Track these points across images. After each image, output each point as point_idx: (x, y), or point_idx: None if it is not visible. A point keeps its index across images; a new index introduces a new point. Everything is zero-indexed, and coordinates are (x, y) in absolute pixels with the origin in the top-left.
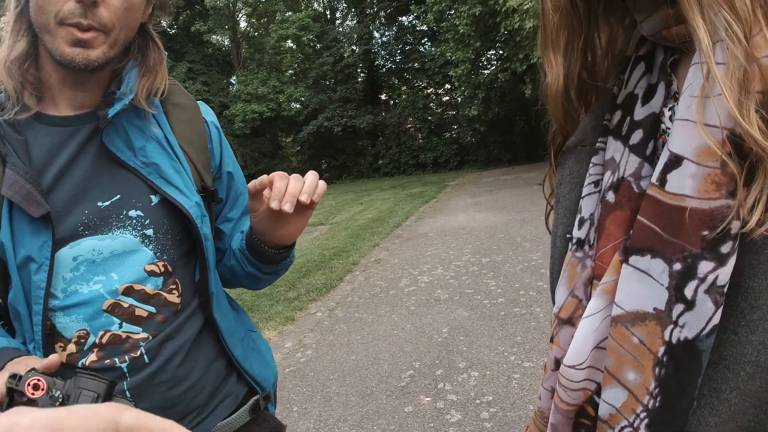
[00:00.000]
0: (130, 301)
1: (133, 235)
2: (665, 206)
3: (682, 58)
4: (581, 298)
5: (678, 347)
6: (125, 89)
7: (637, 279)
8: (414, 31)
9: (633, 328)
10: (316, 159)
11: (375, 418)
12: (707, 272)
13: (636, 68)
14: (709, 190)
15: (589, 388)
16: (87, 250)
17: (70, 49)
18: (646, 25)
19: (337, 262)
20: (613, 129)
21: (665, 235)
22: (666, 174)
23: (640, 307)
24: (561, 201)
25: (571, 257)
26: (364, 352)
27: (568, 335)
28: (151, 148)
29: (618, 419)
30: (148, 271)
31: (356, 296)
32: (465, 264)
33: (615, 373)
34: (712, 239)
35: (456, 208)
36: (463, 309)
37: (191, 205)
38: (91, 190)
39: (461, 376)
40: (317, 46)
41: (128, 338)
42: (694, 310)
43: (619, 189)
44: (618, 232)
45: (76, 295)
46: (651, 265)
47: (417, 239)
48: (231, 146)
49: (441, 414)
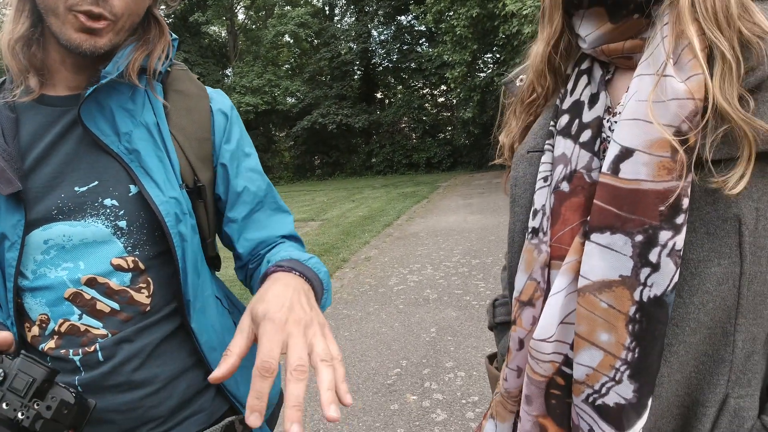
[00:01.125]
0: (92, 293)
1: (104, 225)
2: (621, 190)
3: (615, 76)
4: (539, 281)
5: (649, 304)
6: (111, 68)
7: (599, 253)
8: (412, 31)
9: (601, 295)
10: (309, 155)
11: (361, 415)
12: (667, 239)
13: (580, 80)
14: (662, 174)
15: (556, 360)
16: (58, 234)
17: (77, 35)
18: (589, 38)
19: (327, 259)
20: (561, 130)
21: (624, 214)
22: (618, 164)
23: (606, 276)
24: (517, 200)
25: (527, 245)
26: (351, 348)
27: (529, 315)
28: (138, 135)
29: (597, 377)
30: (115, 265)
31: (345, 293)
32: (455, 265)
33: (588, 336)
34: (668, 212)
35: (447, 208)
36: (451, 309)
37: (163, 201)
38: (70, 174)
39: (448, 376)
40: (315, 42)
41: (86, 331)
42: (660, 271)
43: (573, 179)
44: (574, 216)
45: (44, 279)
46: (612, 240)
47: (408, 238)
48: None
49: (427, 413)
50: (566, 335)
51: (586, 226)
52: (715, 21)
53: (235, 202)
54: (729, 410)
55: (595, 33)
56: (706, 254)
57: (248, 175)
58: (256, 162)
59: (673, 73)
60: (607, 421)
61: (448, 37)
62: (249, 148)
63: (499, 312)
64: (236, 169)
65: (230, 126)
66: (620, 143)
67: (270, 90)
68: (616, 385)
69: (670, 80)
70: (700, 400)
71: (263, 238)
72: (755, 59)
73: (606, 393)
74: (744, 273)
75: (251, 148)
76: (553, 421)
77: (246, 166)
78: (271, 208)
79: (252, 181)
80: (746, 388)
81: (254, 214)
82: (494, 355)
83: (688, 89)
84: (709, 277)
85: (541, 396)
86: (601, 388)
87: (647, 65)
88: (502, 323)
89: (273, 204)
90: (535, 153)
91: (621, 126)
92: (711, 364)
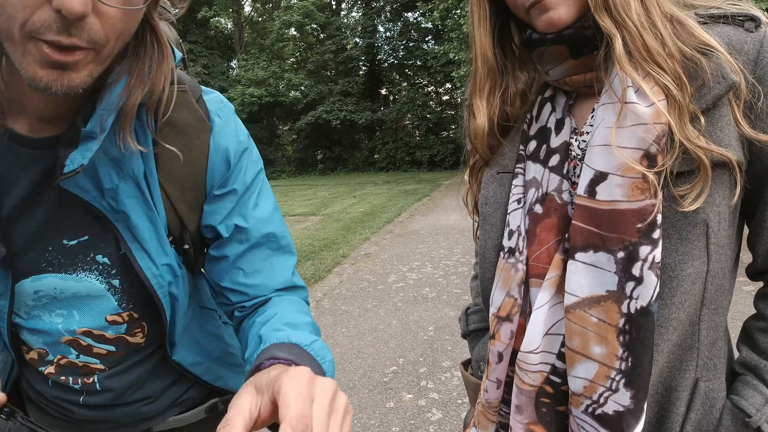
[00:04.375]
0: (88, 341)
1: (98, 281)
2: (599, 211)
3: (577, 101)
4: (516, 297)
5: (637, 315)
6: (94, 126)
7: (584, 271)
8: (419, 28)
9: (591, 310)
10: (311, 149)
11: (356, 412)
12: (647, 254)
13: (544, 107)
14: (636, 194)
15: (544, 370)
16: (49, 287)
17: (43, 72)
18: (552, 72)
19: (327, 254)
20: (530, 155)
21: (604, 233)
22: (594, 187)
23: (594, 292)
24: (488, 218)
25: (504, 264)
26: (348, 345)
27: (507, 330)
28: (125, 191)
29: (594, 388)
30: (110, 321)
31: (344, 289)
32: (454, 264)
33: (581, 350)
34: (645, 229)
35: (449, 207)
36: (450, 308)
37: (155, 274)
38: (56, 228)
39: (444, 375)
40: (321, 36)
41: (85, 366)
42: (644, 283)
43: (545, 201)
44: (549, 236)
45: (38, 322)
46: (596, 258)
47: (408, 236)
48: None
49: (422, 411)
50: (552, 346)
51: (565, 243)
52: (651, 59)
53: (228, 241)
54: (700, 393)
55: (558, 68)
56: (681, 257)
57: (252, 218)
58: (268, 212)
59: (636, 99)
60: (609, 428)
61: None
62: (259, 197)
63: (472, 320)
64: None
65: (234, 174)
66: (593, 168)
67: (275, 82)
68: (613, 394)
69: (634, 106)
70: (673, 386)
71: (255, 284)
72: (701, 77)
73: (604, 402)
74: (710, 270)
75: (266, 197)
76: (543, 427)
77: (252, 214)
78: (271, 248)
79: (253, 222)
80: (713, 371)
81: (248, 254)
82: (468, 362)
83: (654, 113)
84: (685, 278)
85: (531, 404)
86: (599, 399)
87: (609, 95)
88: (476, 330)
89: (274, 243)
90: (504, 174)
91: (592, 151)
92: (680, 352)
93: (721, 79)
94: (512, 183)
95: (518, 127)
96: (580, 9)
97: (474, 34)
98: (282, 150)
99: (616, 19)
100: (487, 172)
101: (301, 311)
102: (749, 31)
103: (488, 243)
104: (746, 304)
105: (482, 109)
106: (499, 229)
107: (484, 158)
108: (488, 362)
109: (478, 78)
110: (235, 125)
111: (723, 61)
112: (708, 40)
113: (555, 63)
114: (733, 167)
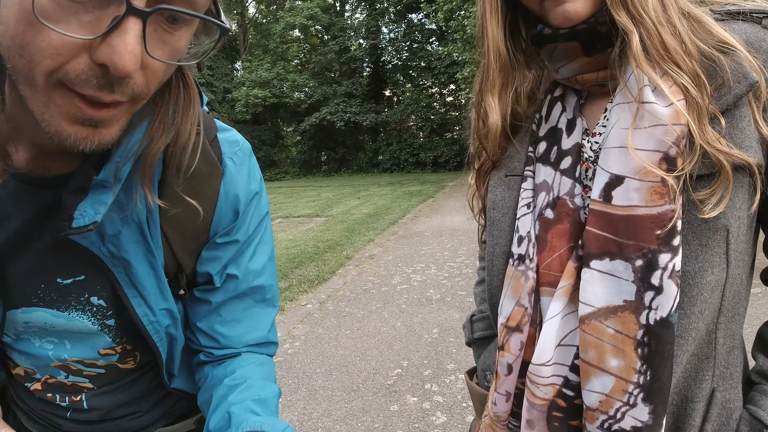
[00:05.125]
0: (79, 367)
1: (91, 323)
2: (615, 217)
3: (588, 101)
4: (526, 306)
5: (656, 326)
6: (108, 175)
7: (600, 280)
8: (423, 29)
9: (607, 321)
10: (315, 150)
11: (360, 415)
12: (667, 261)
13: (554, 107)
14: (654, 198)
15: (556, 382)
16: (39, 320)
17: (72, 129)
18: (563, 70)
19: (331, 255)
20: (540, 157)
21: (621, 240)
22: (609, 191)
23: (610, 302)
24: (496, 224)
25: (514, 271)
26: (352, 347)
27: (517, 341)
28: (127, 236)
29: (610, 403)
30: (103, 354)
31: (348, 290)
32: (459, 265)
33: (598, 363)
34: (665, 236)
35: (453, 208)
36: (454, 311)
37: (152, 320)
38: (50, 266)
39: (449, 378)
40: (325, 37)
41: (73, 385)
42: (664, 293)
43: (556, 206)
44: (561, 242)
45: (27, 345)
46: (612, 266)
47: (412, 237)
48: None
49: (427, 415)
50: (565, 358)
51: (579, 250)
52: (669, 58)
53: (217, 289)
54: (717, 403)
55: (569, 66)
56: (701, 265)
57: (245, 269)
58: (263, 263)
59: (654, 99)
60: None
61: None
62: (258, 247)
63: (477, 327)
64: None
65: (239, 224)
66: (608, 171)
67: (279, 83)
68: (630, 409)
69: (651, 107)
70: (689, 397)
71: (230, 335)
72: (721, 75)
73: (621, 418)
74: (728, 277)
75: (264, 246)
76: None
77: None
78: (255, 299)
79: (245, 273)
80: (729, 381)
81: (231, 302)
82: (473, 370)
83: (674, 113)
84: (705, 286)
85: (542, 419)
86: (615, 414)
87: (624, 94)
88: (481, 338)
89: (260, 295)
90: (513, 177)
91: (607, 154)
92: (697, 362)
93: (742, 78)
94: (521, 186)
95: (526, 127)
96: (596, 3)
97: (486, 26)
98: (286, 151)
99: (633, 15)
100: (494, 175)
101: (269, 377)
102: (767, 28)
103: (496, 249)
104: (754, 306)
105: (494, 106)
106: (508, 234)
107: (493, 160)
108: (497, 374)
109: (490, 73)
110: (248, 170)
111: (743, 59)
112: (727, 38)
113: (566, 60)
114: (753, 171)
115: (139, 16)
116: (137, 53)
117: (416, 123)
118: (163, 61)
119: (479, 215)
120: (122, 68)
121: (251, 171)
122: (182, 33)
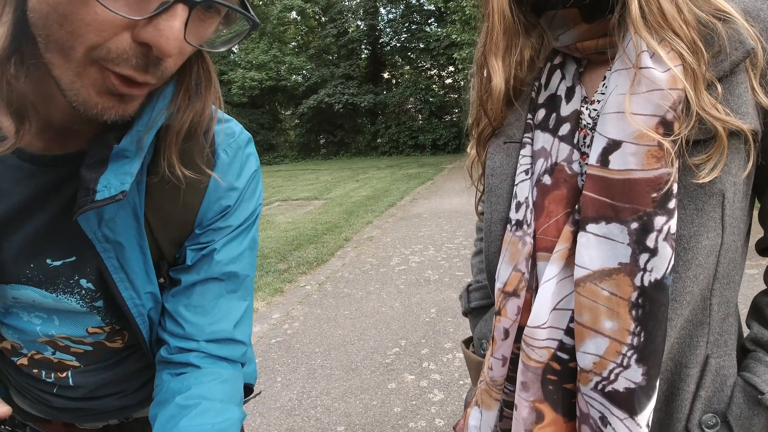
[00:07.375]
0: (66, 343)
1: (80, 305)
2: (612, 181)
3: (587, 68)
4: (523, 272)
5: (650, 288)
6: (129, 143)
7: (596, 243)
8: (421, 10)
9: (602, 283)
10: (314, 134)
11: (358, 393)
12: (662, 224)
13: (554, 75)
14: (651, 162)
15: (551, 346)
16: (27, 298)
17: (100, 99)
18: (563, 37)
19: (330, 237)
20: (539, 124)
21: (617, 203)
22: (607, 156)
23: (605, 264)
24: (494, 190)
25: (512, 237)
26: (351, 327)
27: (514, 306)
28: (123, 219)
29: (604, 364)
30: (91, 332)
31: (346, 272)
32: (457, 247)
33: (591, 325)
34: (660, 198)
35: (451, 191)
36: (452, 291)
37: (137, 304)
38: (41, 246)
39: (446, 357)
40: (322, 20)
41: (60, 362)
42: (658, 255)
43: (554, 172)
44: (558, 208)
45: (15, 319)
46: (608, 230)
47: (410, 219)
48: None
49: (424, 392)
50: (560, 321)
51: (575, 215)
52: (667, 25)
53: (189, 268)
54: (711, 370)
55: (569, 33)
56: (697, 229)
57: (222, 251)
58: (241, 250)
59: (651, 64)
60: (619, 406)
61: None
62: (240, 234)
63: (474, 297)
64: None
65: (225, 218)
66: (606, 136)
67: (276, 66)
68: (624, 371)
69: (649, 72)
70: (683, 363)
71: (193, 322)
72: (718, 43)
73: (615, 379)
74: (723, 243)
75: (246, 235)
76: (549, 405)
77: (223, 248)
78: (227, 288)
79: (221, 256)
80: (724, 348)
81: (201, 286)
82: (469, 340)
83: (671, 78)
84: (700, 251)
85: (537, 382)
86: (609, 375)
87: (623, 61)
88: (477, 308)
89: (232, 284)
90: (511, 144)
91: (605, 119)
92: (691, 328)
93: (739, 44)
94: (520, 153)
95: (526, 95)
96: None
97: None
98: (284, 135)
99: None
100: (493, 143)
101: (232, 399)
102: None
103: (494, 216)
104: (751, 287)
105: (498, 69)
106: (506, 201)
107: (494, 125)
108: (493, 339)
109: (495, 35)
110: (241, 164)
111: (740, 26)
112: (724, 5)
113: (566, 27)
114: (748, 138)
115: (187, 4)
116: (181, 39)
117: (415, 105)
118: (195, 46)
119: (478, 181)
120: (166, 51)
121: (246, 163)
122: (212, 21)
